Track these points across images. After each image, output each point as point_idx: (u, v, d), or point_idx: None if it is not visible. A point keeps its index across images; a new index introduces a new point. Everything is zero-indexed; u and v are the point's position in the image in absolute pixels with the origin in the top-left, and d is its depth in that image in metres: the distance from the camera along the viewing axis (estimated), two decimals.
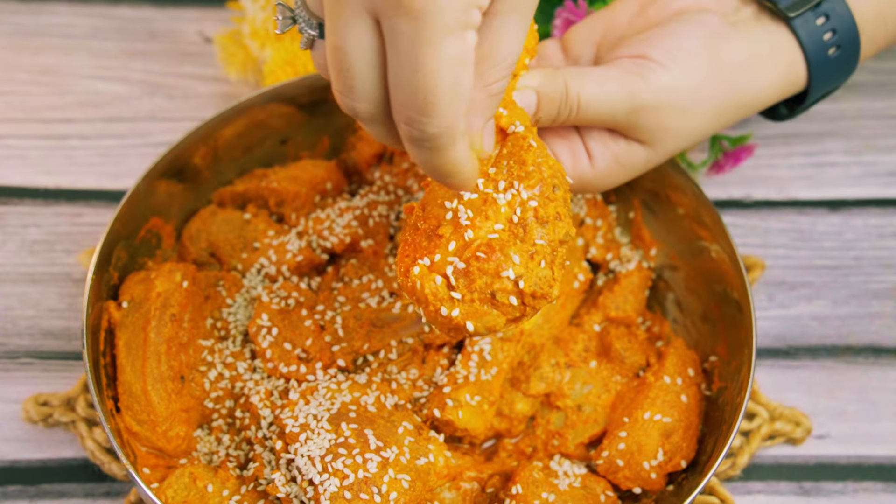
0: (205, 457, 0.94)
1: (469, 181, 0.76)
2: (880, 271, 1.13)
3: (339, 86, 0.73)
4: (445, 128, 0.71)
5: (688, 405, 0.95)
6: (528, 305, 0.79)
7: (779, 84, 0.94)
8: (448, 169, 0.74)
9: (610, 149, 0.93)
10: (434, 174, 0.75)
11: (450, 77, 0.69)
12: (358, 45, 0.70)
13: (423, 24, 0.67)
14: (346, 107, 0.74)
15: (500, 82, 0.75)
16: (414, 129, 0.71)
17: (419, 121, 0.70)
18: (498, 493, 0.93)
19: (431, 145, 0.72)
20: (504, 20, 0.74)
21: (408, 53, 0.68)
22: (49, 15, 1.28)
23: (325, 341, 0.95)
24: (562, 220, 0.80)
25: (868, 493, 1.02)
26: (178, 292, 0.95)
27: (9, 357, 1.07)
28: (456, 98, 0.70)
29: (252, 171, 1.07)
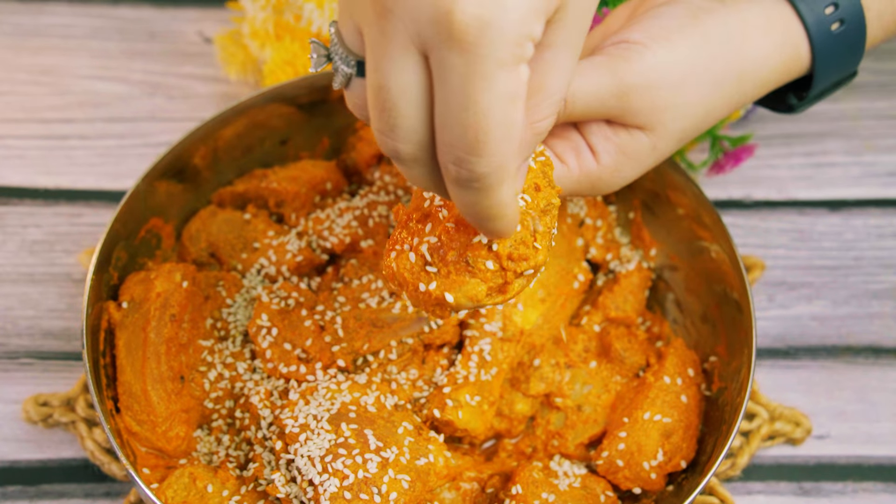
0: (205, 457, 0.94)
1: (512, 225, 0.72)
2: (880, 271, 1.13)
3: (381, 125, 0.68)
4: (496, 167, 0.67)
5: (688, 405, 0.95)
6: (507, 270, 0.76)
7: (779, 57, 0.90)
8: (494, 212, 0.70)
9: (612, 141, 0.89)
10: (477, 218, 0.71)
11: (503, 114, 0.65)
12: (404, 82, 0.66)
13: (475, 57, 0.64)
14: (387, 148, 0.70)
15: (548, 119, 0.72)
16: (463, 169, 0.67)
17: (468, 161, 0.66)
18: (498, 493, 0.93)
19: (480, 185, 0.68)
20: (556, 53, 0.70)
21: (458, 89, 0.65)
22: (49, 15, 1.28)
23: (324, 341, 0.95)
24: (541, 191, 0.78)
25: (868, 493, 1.02)
26: (178, 292, 0.95)
27: (9, 357, 1.07)
28: (508, 136, 0.66)
29: (252, 172, 1.07)
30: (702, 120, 0.89)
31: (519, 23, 0.64)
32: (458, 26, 0.63)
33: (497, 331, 0.96)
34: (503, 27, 0.63)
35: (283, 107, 1.05)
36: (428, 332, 0.96)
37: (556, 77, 0.71)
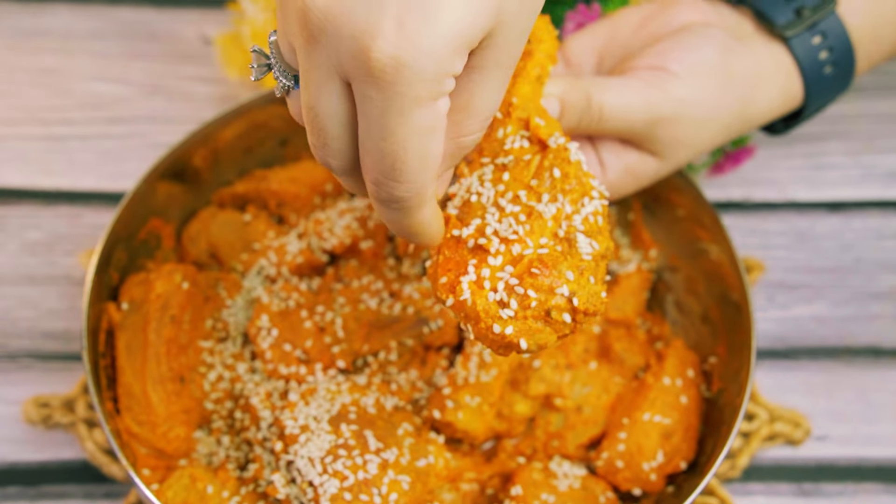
0: (204, 458, 0.94)
1: (434, 240, 0.76)
2: (880, 273, 1.13)
3: (314, 140, 0.72)
4: (413, 193, 0.70)
5: (687, 406, 0.95)
6: (578, 322, 0.77)
7: (780, 100, 0.95)
8: (415, 230, 0.74)
9: (622, 159, 0.92)
10: (400, 234, 0.75)
11: (419, 146, 0.68)
12: (330, 106, 0.70)
13: (392, 94, 0.66)
14: (320, 160, 0.74)
15: (473, 135, 0.74)
16: (382, 191, 0.70)
17: (387, 184, 0.70)
18: (497, 494, 0.93)
19: (399, 207, 0.71)
20: (484, 75, 0.72)
21: (377, 121, 0.67)
22: (49, 16, 1.28)
23: (324, 342, 0.95)
24: (602, 235, 0.79)
25: (868, 494, 1.02)
26: (178, 293, 0.95)
27: (9, 358, 1.07)
28: (425, 166, 0.69)
29: (252, 173, 1.07)
30: (702, 153, 0.96)
31: (436, 62, 0.66)
32: (376, 65, 0.65)
33: None
34: (419, 67, 0.65)
35: (283, 108, 1.05)
36: (428, 333, 0.96)
37: (483, 97, 0.73)
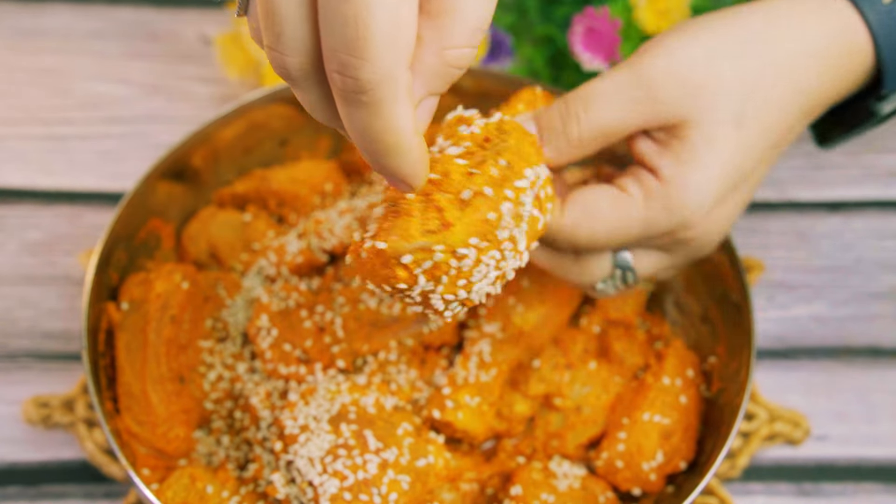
0: (204, 458, 0.94)
1: (419, 164, 0.65)
2: (880, 273, 1.13)
3: (269, 38, 0.63)
4: (382, 74, 0.60)
5: (687, 406, 0.95)
6: (431, 194, 0.72)
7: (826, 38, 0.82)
8: (390, 140, 0.62)
9: (665, 154, 0.81)
10: (373, 150, 0.63)
11: (386, 8, 0.59)
12: None
13: None
14: (276, 65, 0.64)
15: (461, 49, 0.65)
16: (347, 77, 0.60)
17: (351, 63, 0.60)
18: (497, 493, 0.93)
19: (368, 99, 0.61)
20: None
21: None
22: (49, 16, 1.28)
23: (324, 342, 0.95)
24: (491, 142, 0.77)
25: (868, 494, 1.02)
26: (178, 293, 0.95)
27: (8, 358, 1.07)
28: (394, 36, 0.60)
29: (252, 173, 1.07)
30: (758, 97, 0.81)
31: None
32: None
33: (496, 332, 0.96)
34: None
35: (283, 108, 1.05)
36: (427, 332, 0.96)
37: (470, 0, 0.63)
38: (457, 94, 1.06)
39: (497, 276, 0.76)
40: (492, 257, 0.74)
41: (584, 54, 1.06)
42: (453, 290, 0.73)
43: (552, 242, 0.85)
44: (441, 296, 0.73)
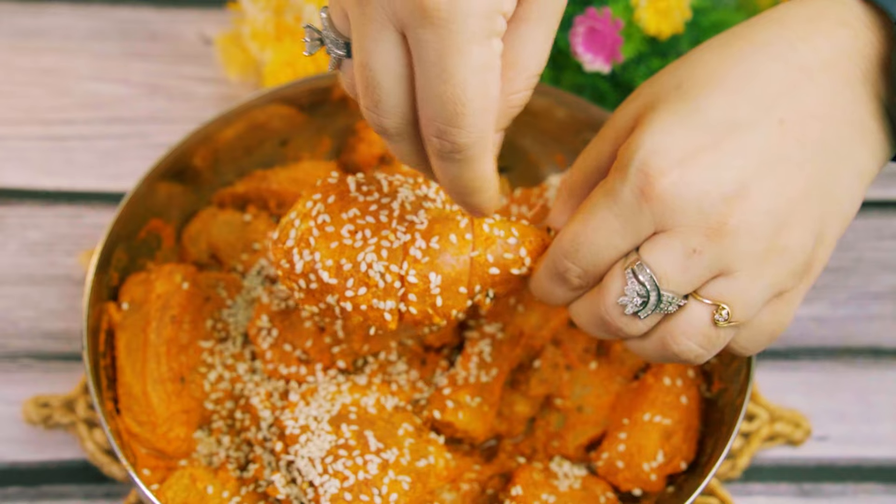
0: (205, 458, 0.94)
1: (493, 200, 0.76)
2: (880, 273, 1.13)
3: (367, 102, 0.73)
4: (476, 138, 0.70)
5: (688, 407, 0.95)
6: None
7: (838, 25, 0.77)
8: (477, 185, 0.74)
9: None
10: (461, 192, 0.74)
11: (478, 85, 0.69)
12: (384, 59, 0.71)
13: (448, 32, 0.68)
14: (373, 123, 0.74)
15: (522, 93, 0.75)
16: (445, 141, 0.71)
17: (449, 132, 0.70)
18: (498, 494, 0.93)
19: (462, 157, 0.71)
20: (530, 28, 0.74)
21: (435, 63, 0.69)
22: (49, 16, 1.28)
23: (325, 343, 0.95)
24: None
25: (868, 494, 1.02)
26: (179, 294, 0.95)
27: (9, 358, 1.07)
28: (486, 107, 0.70)
29: (252, 173, 1.07)
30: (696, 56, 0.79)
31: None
32: (430, 4, 0.67)
33: (497, 332, 0.96)
34: (471, 3, 0.67)
35: (283, 108, 1.05)
36: (428, 333, 0.96)
37: (529, 51, 0.74)
38: None
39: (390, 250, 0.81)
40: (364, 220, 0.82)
41: (585, 55, 1.06)
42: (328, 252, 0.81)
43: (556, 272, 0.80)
44: (322, 262, 0.81)
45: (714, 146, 0.75)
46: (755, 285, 0.76)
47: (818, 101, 0.78)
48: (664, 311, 0.77)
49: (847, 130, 0.79)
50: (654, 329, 0.78)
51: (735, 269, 0.76)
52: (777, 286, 0.77)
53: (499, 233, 0.83)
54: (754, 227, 0.75)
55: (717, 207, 0.75)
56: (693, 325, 0.77)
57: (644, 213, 0.75)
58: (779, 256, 0.76)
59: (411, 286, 0.81)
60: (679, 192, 0.74)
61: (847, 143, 0.79)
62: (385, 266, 0.80)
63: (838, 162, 0.78)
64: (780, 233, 0.76)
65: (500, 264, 0.83)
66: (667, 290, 0.75)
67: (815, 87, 0.78)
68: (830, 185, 0.78)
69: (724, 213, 0.75)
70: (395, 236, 0.82)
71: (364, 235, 0.82)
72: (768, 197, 0.76)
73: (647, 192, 0.75)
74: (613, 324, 0.78)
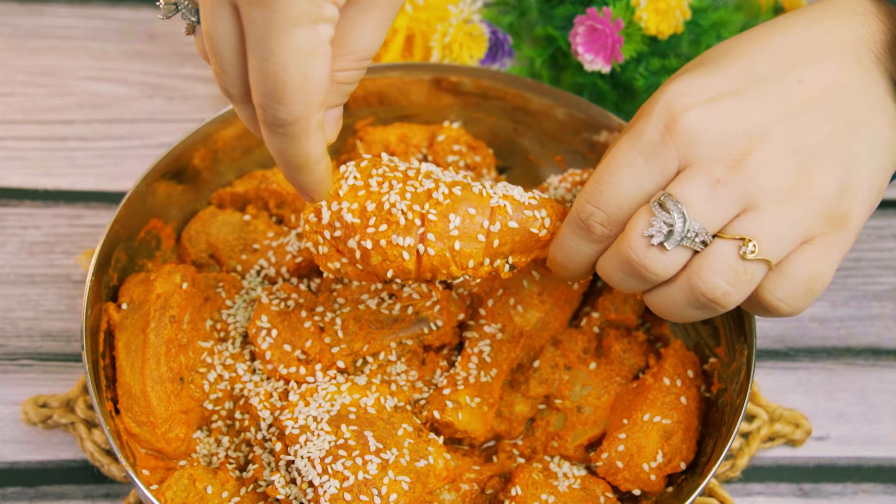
0: (204, 458, 0.94)
1: (322, 182, 0.79)
2: (880, 273, 1.13)
3: (215, 67, 0.76)
4: (296, 116, 0.73)
5: (687, 407, 0.95)
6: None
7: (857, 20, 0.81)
8: (302, 161, 0.77)
9: None
10: (288, 167, 0.78)
11: (299, 67, 0.71)
12: (222, 30, 0.74)
13: (272, 13, 0.70)
14: (220, 88, 0.78)
15: (347, 72, 0.78)
16: (267, 114, 0.74)
17: (270, 106, 0.73)
18: (497, 494, 0.93)
19: (284, 132, 0.74)
20: (360, 12, 0.76)
21: (259, 41, 0.72)
22: (48, 16, 1.28)
23: (324, 343, 0.95)
24: None
25: (868, 494, 1.02)
26: (178, 294, 0.95)
27: (8, 358, 1.07)
28: (307, 88, 0.72)
29: (251, 173, 1.07)
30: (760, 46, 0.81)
31: None
32: None
33: (497, 332, 0.96)
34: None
35: None
36: (428, 333, 0.96)
37: (357, 34, 0.77)
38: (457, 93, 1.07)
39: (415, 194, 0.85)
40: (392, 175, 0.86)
41: (585, 55, 1.06)
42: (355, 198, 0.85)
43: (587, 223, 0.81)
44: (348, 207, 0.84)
45: (737, 92, 0.79)
46: (781, 221, 0.77)
47: (835, 71, 0.80)
48: (691, 246, 0.77)
49: (864, 101, 0.80)
50: (680, 272, 0.79)
51: (759, 204, 0.77)
52: (804, 226, 0.78)
53: (521, 195, 0.86)
54: (777, 161, 0.77)
55: (740, 140, 0.77)
56: (720, 261, 0.77)
57: (668, 148, 0.77)
58: (802, 196, 0.77)
59: (431, 224, 0.84)
60: (703, 125, 0.77)
61: (865, 112, 0.80)
62: (407, 205, 0.84)
63: (858, 126, 0.79)
64: (803, 172, 0.77)
65: (519, 220, 0.85)
66: (693, 219, 0.76)
67: (831, 59, 0.80)
68: (853, 143, 0.79)
69: (746, 146, 0.77)
70: (420, 184, 0.85)
71: (391, 185, 0.85)
72: (790, 138, 0.78)
73: (671, 126, 0.77)
74: (639, 260, 0.78)
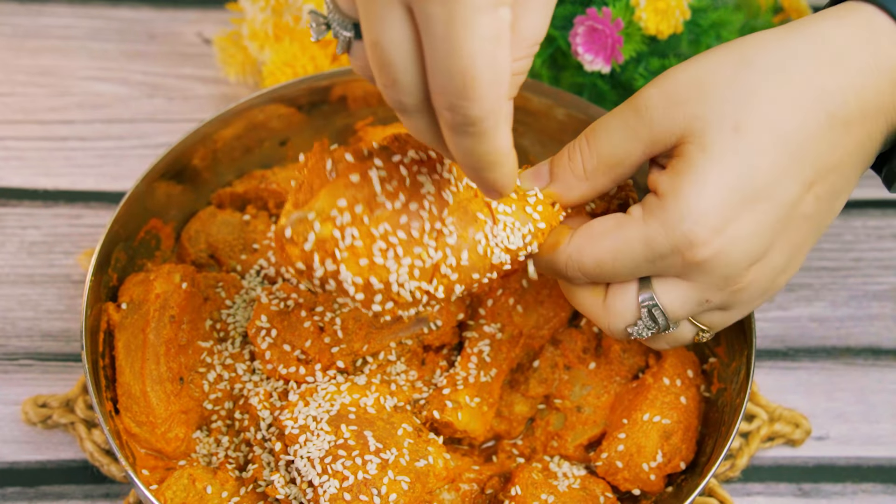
0: (204, 458, 0.94)
1: (510, 176, 0.74)
2: (879, 273, 1.13)
3: (384, 80, 0.71)
4: (488, 110, 0.69)
5: (687, 407, 0.95)
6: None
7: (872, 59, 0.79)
8: (493, 158, 0.72)
9: (666, 172, 0.80)
10: (476, 167, 0.72)
11: (488, 56, 0.67)
12: (394, 37, 0.69)
13: (454, 4, 0.66)
14: (391, 100, 0.73)
15: (521, 61, 0.75)
16: (457, 115, 0.69)
17: (461, 105, 0.68)
18: (497, 494, 0.93)
19: (475, 130, 0.70)
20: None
21: (443, 37, 0.67)
22: (48, 16, 1.28)
23: (324, 343, 0.95)
24: None
25: (867, 494, 1.02)
26: (177, 294, 0.95)
27: (8, 358, 1.07)
28: (496, 78, 0.68)
29: (251, 173, 1.07)
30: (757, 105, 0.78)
31: None
32: None
33: (496, 332, 0.96)
34: None
35: (282, 108, 1.05)
36: (427, 333, 0.96)
37: (531, 18, 0.75)
38: None
39: (423, 270, 0.78)
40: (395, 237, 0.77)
41: (585, 55, 1.06)
42: (358, 270, 0.76)
43: (565, 274, 0.84)
44: (351, 279, 0.76)
45: (751, 209, 0.79)
46: (739, 315, 0.85)
47: (841, 152, 0.81)
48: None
49: (854, 171, 0.83)
50: None
51: (732, 308, 0.84)
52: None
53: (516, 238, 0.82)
54: (763, 282, 0.82)
55: (741, 273, 0.81)
56: (677, 340, 0.86)
57: (676, 266, 0.81)
58: (768, 295, 0.85)
59: (436, 299, 0.80)
60: (716, 263, 0.80)
61: (852, 182, 0.83)
62: (416, 286, 0.78)
63: (838, 199, 0.83)
64: (778, 279, 0.83)
65: (511, 255, 0.83)
66: (673, 322, 0.83)
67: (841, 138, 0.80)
68: (827, 223, 0.84)
69: (744, 276, 0.81)
70: (426, 254, 0.79)
71: (396, 254, 0.77)
72: (780, 254, 0.82)
73: (689, 257, 0.80)
74: (613, 336, 0.85)
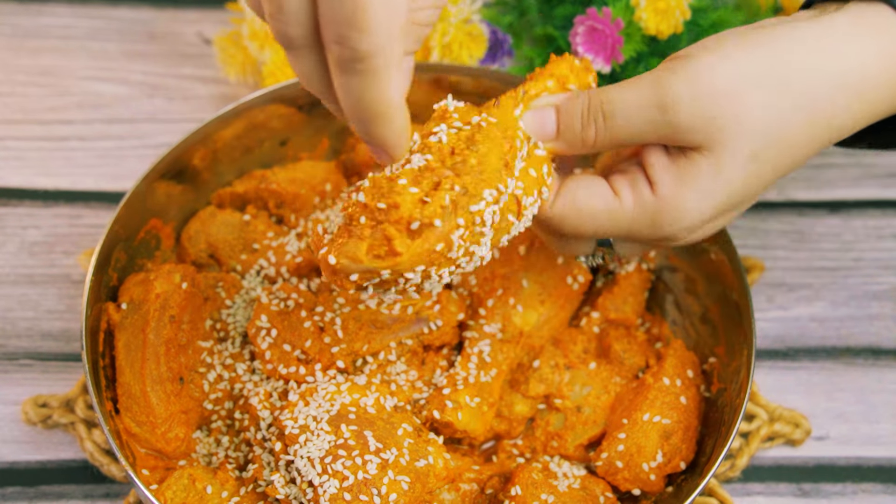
0: (204, 458, 0.94)
1: (400, 134, 0.70)
2: (879, 273, 1.13)
3: (270, 9, 0.68)
4: (379, 45, 0.65)
5: (687, 407, 0.95)
6: (381, 222, 0.74)
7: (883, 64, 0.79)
8: (381, 109, 0.68)
9: (670, 170, 0.80)
10: (364, 117, 0.69)
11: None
12: None
13: None
14: (277, 32, 0.69)
15: (426, 11, 0.71)
16: (345, 48, 0.65)
17: (349, 37, 0.65)
18: (497, 494, 0.93)
19: (363, 68, 0.66)
20: None
21: None
22: (48, 16, 1.28)
23: (324, 343, 0.95)
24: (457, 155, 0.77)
25: (867, 494, 1.02)
26: (178, 294, 0.95)
27: (8, 358, 1.07)
28: (390, 12, 0.64)
29: (251, 173, 1.07)
30: (781, 139, 0.80)
31: None
32: None
33: (496, 332, 0.96)
34: None
35: (282, 108, 1.05)
36: (427, 333, 0.96)
37: None
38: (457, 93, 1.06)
39: (452, 273, 0.80)
40: (443, 269, 0.79)
41: (585, 55, 1.06)
42: (403, 293, 0.81)
43: (539, 224, 0.87)
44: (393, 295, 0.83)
45: (726, 216, 0.84)
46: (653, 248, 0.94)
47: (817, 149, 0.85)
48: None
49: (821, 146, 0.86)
50: None
51: None
52: None
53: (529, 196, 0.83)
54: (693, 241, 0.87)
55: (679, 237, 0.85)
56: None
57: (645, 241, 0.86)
58: None
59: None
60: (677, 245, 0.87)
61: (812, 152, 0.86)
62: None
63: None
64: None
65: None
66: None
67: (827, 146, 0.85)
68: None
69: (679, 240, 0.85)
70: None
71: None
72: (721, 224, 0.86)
73: (661, 244, 0.86)
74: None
